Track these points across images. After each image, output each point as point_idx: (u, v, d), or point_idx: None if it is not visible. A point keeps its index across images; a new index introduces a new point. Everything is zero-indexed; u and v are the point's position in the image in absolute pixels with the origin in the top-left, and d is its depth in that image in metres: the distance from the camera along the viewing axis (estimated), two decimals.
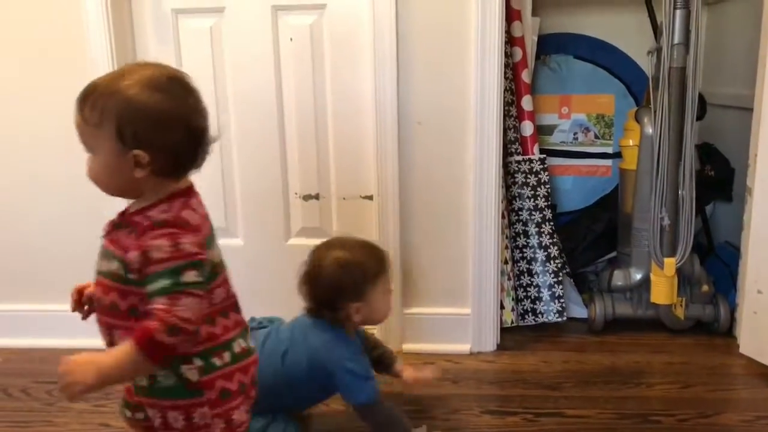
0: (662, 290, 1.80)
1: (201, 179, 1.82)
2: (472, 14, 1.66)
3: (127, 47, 1.77)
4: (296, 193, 1.86)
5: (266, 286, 1.91)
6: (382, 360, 1.45)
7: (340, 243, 1.36)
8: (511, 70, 1.96)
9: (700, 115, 1.80)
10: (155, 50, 1.79)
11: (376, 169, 1.76)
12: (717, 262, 2.02)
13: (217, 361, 0.97)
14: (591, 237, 2.09)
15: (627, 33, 2.20)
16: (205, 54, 1.79)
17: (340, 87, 1.78)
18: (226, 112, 1.82)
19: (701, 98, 1.78)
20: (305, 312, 1.36)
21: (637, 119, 1.84)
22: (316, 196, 1.86)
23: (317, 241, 1.86)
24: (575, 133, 2.26)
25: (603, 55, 2.24)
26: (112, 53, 1.72)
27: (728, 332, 1.85)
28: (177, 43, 1.79)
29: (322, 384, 1.31)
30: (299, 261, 1.87)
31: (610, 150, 2.25)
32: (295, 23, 1.76)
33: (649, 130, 1.79)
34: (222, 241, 1.86)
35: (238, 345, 1.01)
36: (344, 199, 1.85)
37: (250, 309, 1.91)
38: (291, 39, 1.77)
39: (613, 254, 2.03)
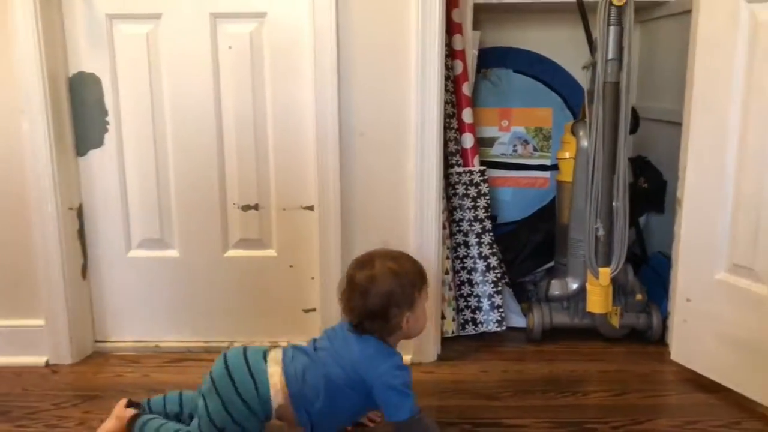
0: (598, 299, 1.84)
1: (136, 189, 1.80)
2: (412, 26, 1.67)
3: (58, 52, 1.71)
4: (235, 204, 1.83)
5: (203, 299, 1.87)
6: None
7: (388, 254, 1.35)
8: (452, 82, 1.98)
9: (633, 129, 1.85)
10: (88, 56, 1.74)
11: (317, 180, 1.75)
12: (650, 271, 2.08)
13: None
14: (530, 247, 2.12)
15: (565, 48, 2.25)
16: (140, 60, 1.75)
17: (280, 96, 1.76)
18: (162, 120, 1.78)
19: (634, 112, 1.84)
20: (347, 326, 1.33)
21: (573, 132, 1.88)
22: (255, 207, 1.83)
23: (256, 253, 1.86)
24: (515, 146, 2.30)
25: (541, 70, 2.29)
26: (42, 58, 1.66)
27: (661, 340, 1.90)
28: (111, 48, 1.74)
29: (363, 395, 1.28)
30: (237, 273, 1.86)
31: (548, 162, 2.30)
32: (235, 31, 1.74)
33: (585, 142, 1.83)
34: (157, 253, 1.85)
35: None
36: (284, 209, 1.83)
37: (186, 322, 1.88)
38: (230, 47, 1.74)
39: (551, 264, 2.07)
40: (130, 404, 1.37)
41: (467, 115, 2.00)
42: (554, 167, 2.21)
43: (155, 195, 1.82)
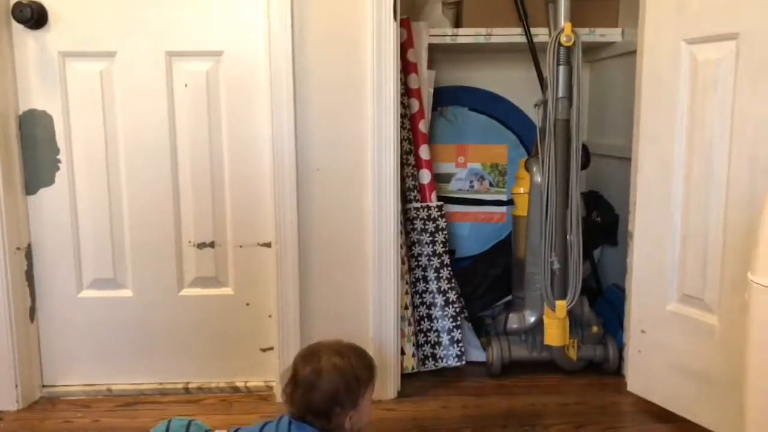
0: (555, 332, 1.86)
1: (88, 227, 1.76)
2: (368, 65, 1.69)
3: (8, 89, 1.68)
4: (190, 241, 1.80)
5: (156, 339, 1.83)
6: None
7: (335, 349, 1.30)
8: (409, 120, 2.01)
9: (585, 164, 1.90)
10: (39, 93, 1.71)
11: (275, 216, 1.74)
12: (606, 304, 2.11)
13: None
14: (488, 281, 2.14)
15: (518, 87, 2.31)
16: (94, 98, 1.73)
17: (237, 133, 1.76)
18: (116, 158, 1.75)
19: (585, 148, 1.89)
20: (288, 414, 1.28)
21: (527, 168, 1.92)
22: (211, 244, 1.81)
23: (212, 291, 1.83)
24: (471, 181, 2.34)
25: (496, 108, 2.34)
26: None
27: (617, 371, 1.92)
28: (64, 86, 1.72)
29: None
30: (193, 312, 1.82)
31: (504, 197, 2.33)
32: (191, 69, 1.74)
33: (538, 178, 1.87)
34: (110, 293, 1.80)
35: None
36: (241, 246, 1.81)
37: (140, 364, 1.82)
38: (186, 85, 1.74)
39: (509, 298, 2.08)
40: None
41: (424, 151, 2.02)
42: (510, 202, 2.25)
43: (108, 234, 1.78)
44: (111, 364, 1.83)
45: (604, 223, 2.20)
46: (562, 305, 1.84)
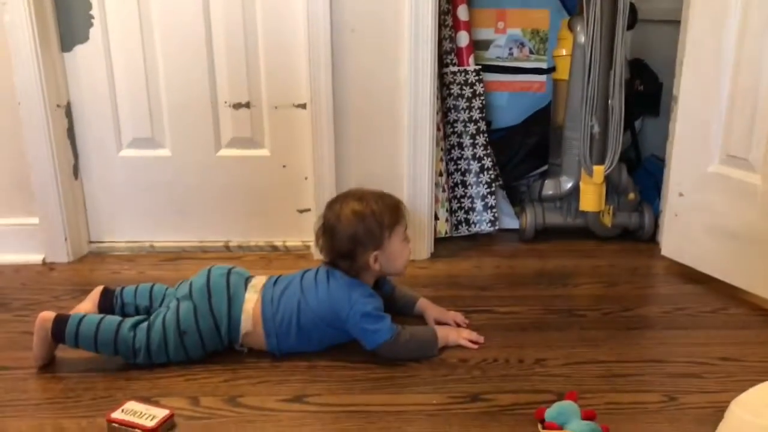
0: (591, 198, 1.85)
1: (125, 87, 1.76)
2: None
3: None
4: (226, 102, 1.80)
5: (196, 199, 1.87)
6: (405, 305, 1.48)
7: (357, 195, 1.35)
8: None
9: (631, 24, 1.82)
10: None
11: (309, 77, 1.71)
12: (644, 173, 2.08)
13: None
14: (524, 150, 2.11)
15: None
16: None
17: None
18: (149, 15, 1.73)
19: (632, 7, 1.80)
20: (323, 263, 1.36)
21: (570, 27, 1.84)
22: (247, 105, 1.80)
23: (249, 152, 1.84)
24: (510, 48, 2.25)
25: None
26: None
27: (652, 239, 1.93)
28: None
29: (337, 329, 1.30)
30: (230, 173, 1.85)
31: (544, 66, 2.25)
32: None
33: (582, 38, 1.80)
34: (149, 152, 1.83)
35: None
36: (276, 108, 1.80)
37: (180, 222, 1.88)
38: None
39: (545, 168, 2.06)
40: (106, 291, 1.37)
41: (462, 12, 1.95)
42: (551, 70, 2.17)
43: (144, 93, 1.78)
44: (153, 222, 1.88)
45: (647, 92, 2.13)
46: (600, 170, 1.81)
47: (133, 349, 1.25)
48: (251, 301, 1.30)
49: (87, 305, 1.34)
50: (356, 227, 1.29)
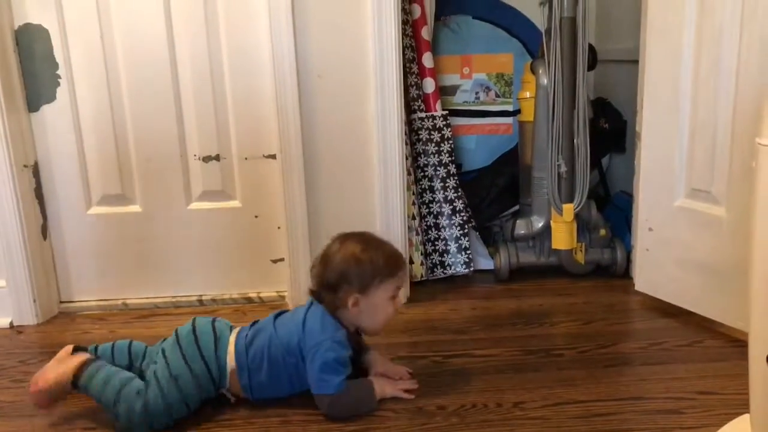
0: (562, 236, 1.87)
1: (93, 144, 1.76)
2: None
3: (2, 3, 1.65)
4: (195, 155, 1.80)
5: (168, 254, 1.86)
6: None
7: (364, 239, 1.34)
8: (411, 27, 1.97)
9: (592, 65, 1.86)
10: (34, 6, 1.68)
11: (278, 126, 1.73)
12: (614, 209, 2.11)
13: None
14: (495, 191, 2.13)
15: None
16: (89, 9, 1.70)
17: (236, 41, 1.73)
18: (116, 71, 1.74)
19: (591, 48, 1.85)
20: (310, 292, 1.35)
21: (533, 70, 1.89)
22: (217, 157, 1.80)
23: (220, 204, 1.84)
24: (477, 93, 2.30)
25: (501, 15, 2.28)
26: None
27: (625, 274, 1.94)
28: None
29: (299, 364, 1.27)
30: (202, 226, 1.84)
31: (510, 108, 2.30)
32: None
33: (544, 80, 1.84)
34: (119, 209, 1.82)
35: None
36: (246, 159, 1.81)
37: (153, 278, 1.85)
38: None
39: (517, 208, 2.08)
40: (76, 350, 1.31)
41: (427, 59, 1.99)
42: (516, 113, 2.22)
43: (113, 149, 1.78)
44: (125, 280, 1.86)
45: (612, 130, 2.18)
46: (569, 208, 1.83)
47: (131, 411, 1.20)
48: (233, 343, 1.29)
49: (54, 372, 1.27)
50: (350, 265, 1.28)
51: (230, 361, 1.27)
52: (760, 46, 1.35)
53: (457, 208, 1.99)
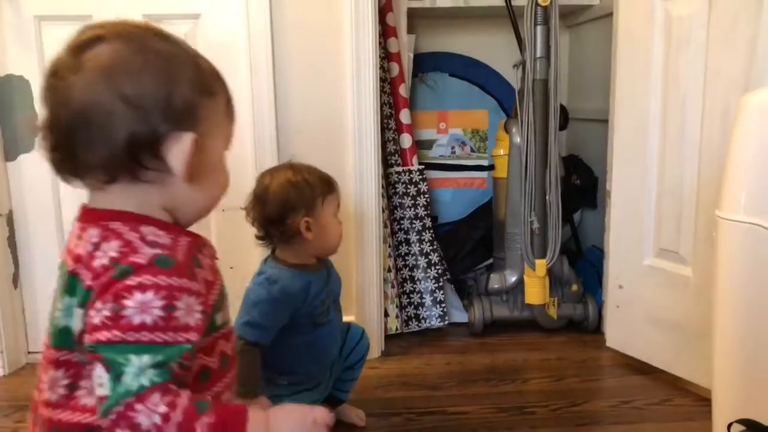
0: (535, 291, 1.90)
1: (70, 193, 1.75)
2: (346, 27, 1.70)
3: None
4: None
5: None
6: None
7: (289, 165, 1.32)
8: (389, 84, 2.02)
9: (563, 125, 1.92)
10: (15, 57, 1.70)
11: (256, 179, 1.74)
12: (585, 264, 2.15)
13: None
14: (470, 244, 2.16)
15: (497, 52, 2.32)
16: None
17: None
18: None
19: (563, 109, 1.91)
20: (255, 236, 1.33)
21: (506, 129, 1.94)
22: None
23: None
24: (453, 147, 2.35)
25: (476, 73, 2.35)
26: None
27: (597, 329, 1.96)
28: (41, 50, 1.70)
29: None
30: None
31: (485, 162, 2.35)
32: (169, 31, 1.72)
33: (517, 139, 1.89)
34: None
35: None
36: (224, 210, 1.82)
37: None
38: None
39: (491, 261, 2.11)
40: None
41: (405, 116, 2.03)
42: (491, 167, 2.27)
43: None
44: None
45: (584, 186, 2.23)
46: (541, 264, 1.87)
47: None
48: None
49: None
50: (288, 192, 1.25)
51: None
52: (722, 119, 1.41)
53: (433, 261, 2.01)
